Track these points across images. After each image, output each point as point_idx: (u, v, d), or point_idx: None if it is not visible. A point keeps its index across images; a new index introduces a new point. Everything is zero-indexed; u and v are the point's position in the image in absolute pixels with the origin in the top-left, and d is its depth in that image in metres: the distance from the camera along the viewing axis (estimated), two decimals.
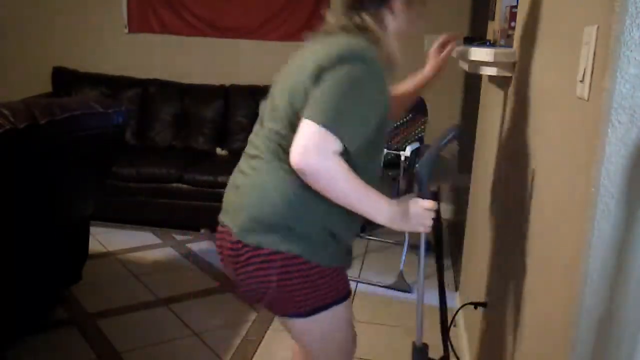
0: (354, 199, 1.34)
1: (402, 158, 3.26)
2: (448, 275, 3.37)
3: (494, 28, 2.46)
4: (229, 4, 4.34)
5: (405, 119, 3.69)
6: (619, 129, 0.91)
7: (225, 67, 4.46)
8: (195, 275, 3.23)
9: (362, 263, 3.49)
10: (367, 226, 4.02)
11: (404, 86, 1.83)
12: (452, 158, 4.33)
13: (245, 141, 4.61)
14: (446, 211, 4.41)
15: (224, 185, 4.29)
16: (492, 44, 2.15)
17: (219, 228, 1.51)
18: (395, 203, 1.40)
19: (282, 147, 1.38)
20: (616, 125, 0.91)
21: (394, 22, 1.45)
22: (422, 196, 1.47)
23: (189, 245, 3.66)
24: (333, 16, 1.50)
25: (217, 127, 4.23)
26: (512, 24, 2.01)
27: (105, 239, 3.62)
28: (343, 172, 1.29)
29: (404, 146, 3.49)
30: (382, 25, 1.44)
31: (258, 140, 1.50)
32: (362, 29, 1.42)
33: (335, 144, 1.27)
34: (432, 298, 3.09)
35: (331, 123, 1.26)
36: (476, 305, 2.12)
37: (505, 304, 1.72)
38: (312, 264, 1.40)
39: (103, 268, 3.21)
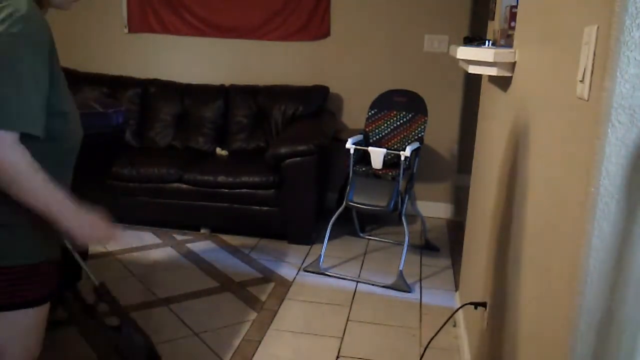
0: (39, 196, 1.20)
1: (402, 158, 3.26)
2: (448, 275, 3.38)
3: (494, 28, 2.46)
4: (229, 4, 4.34)
5: (405, 119, 3.69)
6: (619, 129, 0.91)
7: (225, 67, 4.46)
8: (195, 275, 3.23)
9: (362, 263, 3.49)
10: (366, 226, 4.02)
11: None
12: (452, 158, 4.33)
13: (245, 141, 4.63)
14: (446, 211, 4.41)
15: (224, 185, 4.29)
16: (493, 44, 2.15)
17: None
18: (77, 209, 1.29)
19: None
20: (616, 125, 0.91)
21: None
22: None
23: (189, 245, 3.66)
24: None
25: (217, 127, 4.23)
26: (512, 24, 2.01)
27: None
28: (26, 168, 1.17)
29: (404, 146, 3.49)
30: None
31: None
32: None
33: (8, 136, 1.13)
34: (432, 298, 3.10)
35: (5, 122, 1.12)
36: (476, 305, 2.12)
37: (505, 304, 1.72)
38: None
39: (103, 268, 3.21)
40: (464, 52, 2.05)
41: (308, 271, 3.32)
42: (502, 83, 2.05)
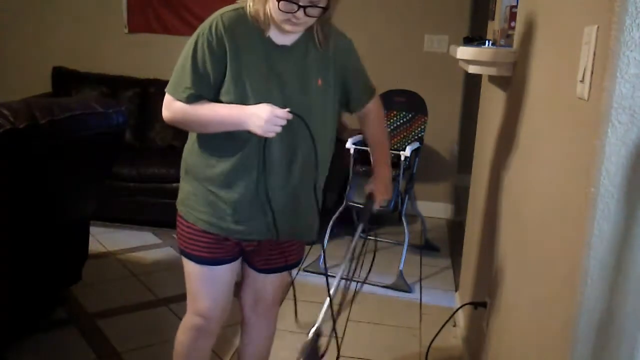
0: (209, 125, 1.62)
1: (402, 158, 3.26)
2: (448, 275, 3.37)
3: (494, 28, 2.46)
4: (229, 4, 4.33)
5: (405, 119, 3.70)
6: (619, 129, 0.91)
7: None
8: None
9: (362, 263, 3.49)
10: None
11: (373, 143, 1.90)
12: (452, 158, 4.33)
13: None
14: (446, 211, 4.41)
15: None
16: (493, 44, 2.15)
17: None
18: (243, 107, 1.55)
19: None
20: (616, 125, 0.91)
21: None
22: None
23: None
24: None
25: None
26: (512, 24, 2.01)
27: (105, 239, 3.61)
28: (184, 111, 1.61)
29: (404, 146, 3.49)
30: None
31: None
32: None
33: (175, 101, 1.63)
34: (432, 298, 3.10)
35: (169, 89, 1.64)
36: (476, 305, 2.12)
37: (505, 304, 1.72)
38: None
39: (103, 268, 3.21)
40: (464, 52, 2.05)
41: (308, 271, 3.31)
42: (502, 83, 2.05)
